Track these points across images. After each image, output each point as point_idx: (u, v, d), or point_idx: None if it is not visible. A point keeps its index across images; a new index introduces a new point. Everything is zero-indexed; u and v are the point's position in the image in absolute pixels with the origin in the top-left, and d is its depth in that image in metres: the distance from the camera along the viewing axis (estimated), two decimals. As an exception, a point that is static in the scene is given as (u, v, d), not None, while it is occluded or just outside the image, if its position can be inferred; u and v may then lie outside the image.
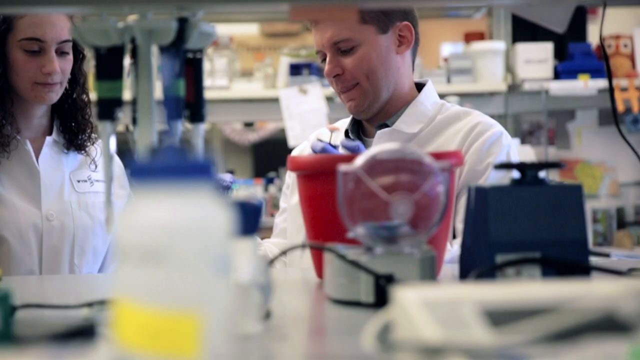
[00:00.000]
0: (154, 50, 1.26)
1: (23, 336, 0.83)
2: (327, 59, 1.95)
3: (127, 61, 1.27)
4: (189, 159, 0.60)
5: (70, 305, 1.19)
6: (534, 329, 0.66)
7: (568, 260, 1.18)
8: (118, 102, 1.24)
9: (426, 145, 1.93)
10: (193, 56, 1.26)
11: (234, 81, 4.37)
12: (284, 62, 4.35)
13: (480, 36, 4.65)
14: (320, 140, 1.80)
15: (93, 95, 2.17)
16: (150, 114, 1.26)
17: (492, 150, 1.89)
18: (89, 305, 1.21)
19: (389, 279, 1.20)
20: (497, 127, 1.94)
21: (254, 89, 4.36)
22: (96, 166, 2.15)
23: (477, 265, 1.22)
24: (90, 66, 2.75)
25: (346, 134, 2.04)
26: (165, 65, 1.18)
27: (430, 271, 1.23)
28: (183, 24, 1.22)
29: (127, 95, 1.24)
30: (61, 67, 2.04)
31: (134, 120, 1.27)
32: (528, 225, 1.20)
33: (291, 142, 4.05)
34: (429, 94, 2.02)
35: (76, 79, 2.12)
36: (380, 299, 1.20)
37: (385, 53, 1.94)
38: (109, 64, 1.24)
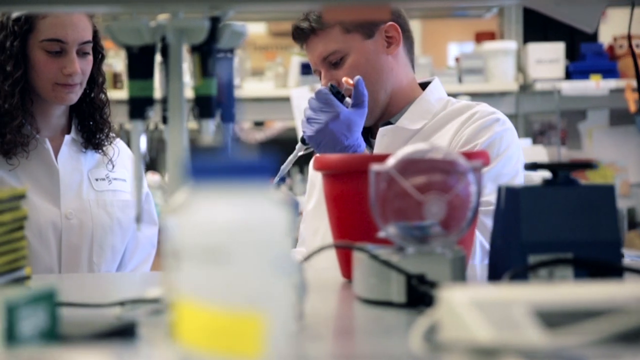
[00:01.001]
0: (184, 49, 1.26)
1: (66, 335, 0.83)
2: (322, 74, 1.98)
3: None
4: (249, 158, 0.60)
5: (103, 304, 1.19)
6: (590, 331, 0.66)
7: (601, 261, 1.18)
8: (150, 101, 1.25)
9: (426, 140, 1.93)
10: (224, 55, 1.26)
11: (245, 80, 4.37)
12: (295, 61, 4.35)
13: (491, 36, 4.64)
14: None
15: (111, 95, 2.20)
16: (181, 113, 1.26)
17: (482, 133, 1.88)
18: (121, 304, 1.21)
19: (421, 279, 1.19)
20: (497, 115, 1.92)
21: (265, 88, 4.36)
22: (113, 166, 2.15)
23: (507, 266, 1.22)
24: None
25: None
26: (224, 65, 1.19)
27: (461, 272, 1.23)
28: (215, 24, 1.22)
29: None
30: (81, 68, 2.04)
31: (164, 119, 1.27)
32: (560, 226, 1.20)
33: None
34: (435, 90, 2.02)
35: (94, 79, 2.12)
36: (412, 299, 1.20)
37: (374, 57, 1.96)
38: (141, 63, 1.24)
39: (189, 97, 1.26)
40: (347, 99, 1.90)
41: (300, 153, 1.95)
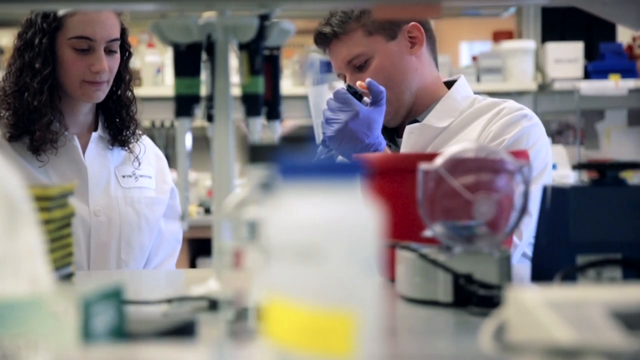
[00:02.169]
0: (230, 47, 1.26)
1: (131, 332, 0.83)
2: (347, 78, 1.98)
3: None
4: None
5: (150, 301, 1.19)
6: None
7: (651, 261, 1.17)
8: (196, 99, 1.24)
9: (453, 137, 1.93)
10: (270, 53, 1.26)
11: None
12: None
13: (508, 35, 4.64)
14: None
15: (137, 92, 2.20)
16: (227, 111, 1.26)
17: (510, 129, 1.88)
18: (169, 301, 1.21)
19: (469, 279, 1.19)
20: (524, 111, 1.92)
21: (283, 85, 4.35)
22: (139, 163, 2.16)
23: (554, 266, 1.21)
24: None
25: None
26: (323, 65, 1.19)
27: (507, 271, 1.23)
28: (263, 21, 1.22)
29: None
30: (109, 66, 2.04)
31: (209, 117, 1.27)
32: (608, 226, 1.19)
33: (319, 139, 4.05)
34: (461, 89, 2.02)
35: (121, 77, 2.12)
36: (459, 299, 1.19)
37: (398, 58, 1.96)
38: (188, 61, 1.23)
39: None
40: (365, 99, 1.90)
41: (322, 157, 1.95)
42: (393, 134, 2.05)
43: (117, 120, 2.13)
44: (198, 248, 4.21)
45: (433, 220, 1.21)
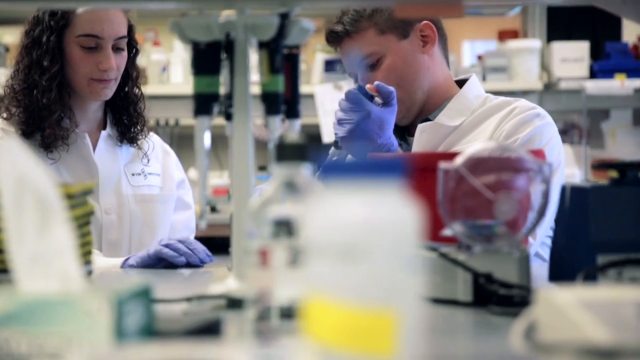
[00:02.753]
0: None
1: (159, 330, 0.83)
2: (359, 77, 1.98)
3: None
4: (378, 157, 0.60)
5: (170, 299, 1.19)
6: None
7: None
8: (215, 97, 1.24)
9: (465, 136, 1.93)
10: (289, 52, 1.26)
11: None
12: (319, 58, 4.34)
13: (514, 34, 4.63)
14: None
15: (144, 89, 2.20)
16: (247, 110, 1.25)
17: (523, 128, 1.88)
18: (188, 300, 1.21)
19: (489, 278, 1.19)
20: (537, 110, 1.93)
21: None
22: (148, 160, 2.16)
23: (574, 265, 1.22)
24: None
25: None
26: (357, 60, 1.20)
27: (527, 271, 1.23)
28: (284, 20, 1.22)
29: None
30: (117, 63, 2.04)
31: (227, 116, 1.27)
32: (629, 226, 1.19)
33: (326, 138, 4.04)
34: (473, 87, 2.02)
35: (129, 74, 2.12)
36: (479, 298, 1.19)
37: (411, 57, 1.96)
38: (208, 59, 1.23)
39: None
40: (377, 99, 1.90)
41: (334, 158, 1.95)
42: (404, 132, 2.05)
43: (125, 117, 2.13)
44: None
45: (453, 219, 1.21)
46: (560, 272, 1.27)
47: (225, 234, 2.14)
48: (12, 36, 4.64)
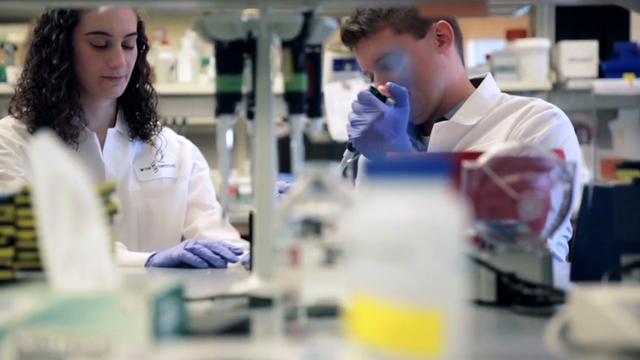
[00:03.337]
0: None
1: (192, 330, 0.83)
2: (375, 77, 1.97)
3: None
4: (423, 156, 0.60)
5: (194, 298, 1.19)
6: None
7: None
8: (238, 96, 1.24)
9: (481, 135, 1.93)
10: (312, 51, 1.26)
11: (276, 76, 4.36)
12: (327, 57, 4.34)
13: (522, 34, 4.63)
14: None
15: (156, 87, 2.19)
16: (269, 108, 1.25)
17: (540, 127, 1.88)
18: (211, 299, 1.21)
19: (512, 278, 1.19)
20: (554, 109, 1.93)
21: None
22: (162, 156, 2.15)
23: (596, 265, 1.21)
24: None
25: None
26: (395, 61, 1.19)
27: (549, 271, 1.23)
28: (307, 19, 1.22)
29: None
30: (127, 60, 2.04)
31: (250, 114, 1.27)
32: (653, 226, 1.19)
33: (334, 137, 4.04)
34: (489, 87, 2.02)
35: (139, 70, 2.12)
36: (502, 298, 1.19)
37: (427, 57, 1.96)
38: (231, 58, 1.23)
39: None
40: (390, 100, 1.90)
41: (349, 160, 1.95)
42: (419, 131, 2.05)
43: (137, 113, 2.13)
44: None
45: (476, 218, 1.21)
46: (583, 272, 1.26)
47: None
48: (17, 35, 4.64)
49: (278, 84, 1.24)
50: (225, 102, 1.24)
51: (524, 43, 4.30)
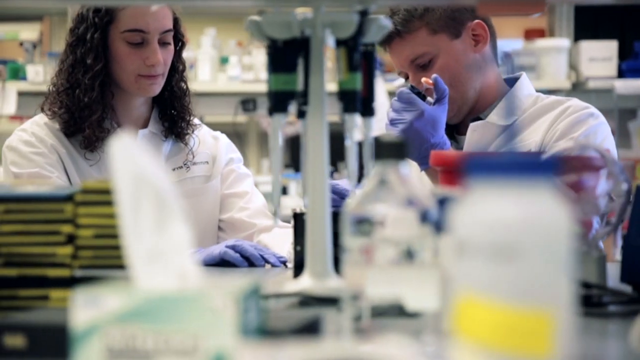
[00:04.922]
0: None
1: (269, 329, 0.83)
2: (410, 77, 1.97)
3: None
4: (530, 155, 0.60)
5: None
6: None
7: None
8: (292, 95, 1.24)
9: (517, 135, 1.93)
10: (365, 49, 1.25)
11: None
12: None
13: (540, 33, 4.62)
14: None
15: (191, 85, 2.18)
16: (322, 107, 1.25)
17: (577, 127, 1.88)
18: (266, 297, 1.21)
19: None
20: (591, 109, 1.93)
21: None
22: (194, 156, 2.13)
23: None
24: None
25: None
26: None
27: (604, 271, 1.23)
28: (363, 17, 1.21)
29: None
30: (163, 58, 2.02)
31: (301, 113, 1.26)
32: None
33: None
34: (524, 86, 2.03)
35: (175, 67, 2.10)
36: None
37: (463, 57, 1.96)
38: (286, 57, 1.23)
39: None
40: (428, 98, 1.90)
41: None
42: (453, 130, 2.05)
43: (172, 112, 2.10)
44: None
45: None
46: (634, 272, 1.26)
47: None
48: (30, 32, 4.64)
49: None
50: (279, 101, 1.24)
51: (543, 42, 4.29)
